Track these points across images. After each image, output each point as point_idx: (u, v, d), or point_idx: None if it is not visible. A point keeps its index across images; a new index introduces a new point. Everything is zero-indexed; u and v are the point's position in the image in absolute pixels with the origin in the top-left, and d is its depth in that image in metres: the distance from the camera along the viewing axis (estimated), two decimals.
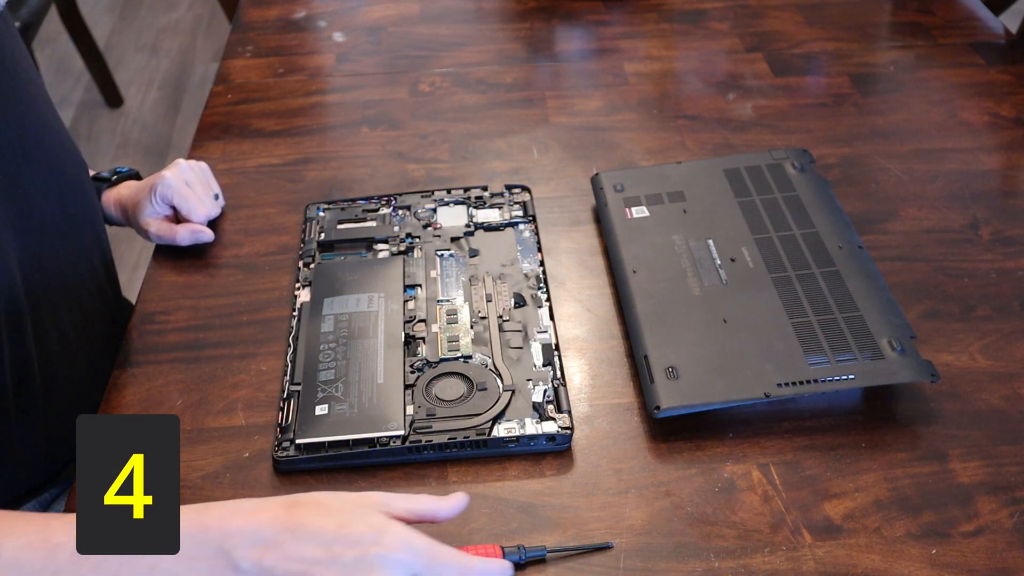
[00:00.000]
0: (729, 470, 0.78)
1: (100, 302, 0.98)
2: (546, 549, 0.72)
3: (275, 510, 0.63)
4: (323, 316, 0.90)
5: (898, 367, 0.81)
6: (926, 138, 1.15)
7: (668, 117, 1.21)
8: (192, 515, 0.63)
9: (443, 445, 0.78)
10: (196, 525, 0.62)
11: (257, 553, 0.61)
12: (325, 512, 0.63)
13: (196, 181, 1.03)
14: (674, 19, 1.41)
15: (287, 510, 0.63)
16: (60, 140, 0.91)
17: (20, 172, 0.84)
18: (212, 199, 1.04)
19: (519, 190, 1.05)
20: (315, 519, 0.62)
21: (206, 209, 1.02)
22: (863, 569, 0.71)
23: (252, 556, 0.61)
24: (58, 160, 0.90)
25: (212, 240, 1.01)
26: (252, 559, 0.61)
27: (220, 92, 1.27)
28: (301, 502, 0.64)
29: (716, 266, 0.92)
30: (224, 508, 0.64)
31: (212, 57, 2.96)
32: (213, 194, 1.05)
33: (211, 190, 1.05)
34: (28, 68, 0.89)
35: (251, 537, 0.62)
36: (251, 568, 0.61)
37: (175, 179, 1.01)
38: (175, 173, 1.02)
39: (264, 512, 0.63)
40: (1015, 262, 0.97)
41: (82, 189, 0.95)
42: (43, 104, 0.90)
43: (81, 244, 0.94)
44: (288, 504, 0.63)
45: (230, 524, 0.62)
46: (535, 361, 0.85)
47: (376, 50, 1.36)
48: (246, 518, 0.63)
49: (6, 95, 0.83)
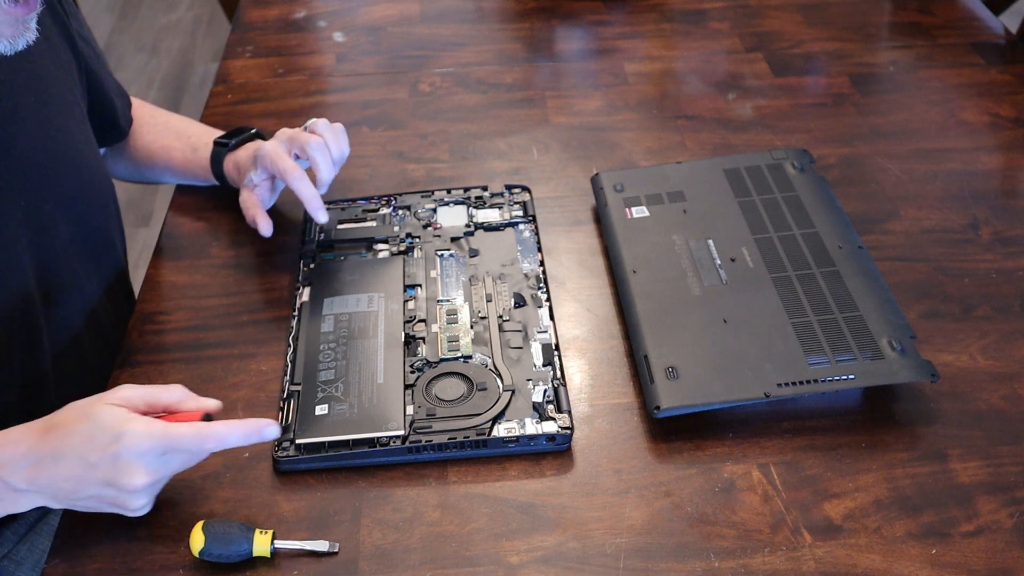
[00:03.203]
0: (729, 470, 0.78)
1: (113, 313, 1.00)
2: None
3: (34, 438, 0.71)
4: (323, 316, 0.90)
5: (898, 367, 0.81)
6: (926, 138, 1.15)
7: (668, 117, 1.21)
8: None
9: (443, 445, 0.78)
10: None
11: (30, 474, 0.70)
12: (72, 431, 0.70)
13: (312, 145, 0.93)
14: (674, 19, 1.41)
15: (43, 435, 0.71)
16: (88, 164, 0.94)
17: (43, 198, 0.87)
18: (296, 168, 0.93)
19: (519, 190, 1.05)
20: (66, 439, 0.70)
21: (292, 174, 0.92)
22: (863, 569, 0.71)
23: (26, 477, 0.70)
24: (83, 184, 0.92)
25: (268, 234, 0.96)
26: (25, 480, 0.70)
27: (220, 92, 1.27)
28: (54, 425, 0.71)
29: (716, 266, 0.92)
30: None
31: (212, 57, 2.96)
32: (329, 166, 0.94)
33: (324, 159, 0.93)
34: (64, 93, 0.91)
35: (21, 462, 0.70)
36: (27, 487, 0.70)
37: (272, 146, 0.94)
38: (275, 141, 0.95)
39: (25, 440, 0.71)
40: (1015, 262, 0.97)
41: (104, 210, 0.97)
42: (76, 129, 0.92)
43: (98, 262, 0.97)
44: (44, 430, 0.71)
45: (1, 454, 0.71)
46: (535, 361, 0.85)
47: (376, 50, 1.36)
48: (12, 449, 0.71)
49: (38, 122, 0.86)
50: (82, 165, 0.92)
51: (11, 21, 0.74)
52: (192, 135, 1.07)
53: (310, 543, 0.73)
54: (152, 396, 0.73)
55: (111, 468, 0.69)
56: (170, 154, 1.07)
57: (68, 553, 0.74)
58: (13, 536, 0.92)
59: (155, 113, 1.11)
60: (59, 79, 0.90)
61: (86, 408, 0.71)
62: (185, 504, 0.76)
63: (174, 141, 1.07)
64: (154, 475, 0.70)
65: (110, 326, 0.99)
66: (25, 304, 0.85)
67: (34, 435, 0.71)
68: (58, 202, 0.88)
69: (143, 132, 1.09)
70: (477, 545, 0.74)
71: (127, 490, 0.70)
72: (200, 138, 1.05)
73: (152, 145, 1.08)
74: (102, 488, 0.70)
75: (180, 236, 1.04)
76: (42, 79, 0.87)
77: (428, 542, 0.74)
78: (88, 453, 0.69)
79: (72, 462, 0.69)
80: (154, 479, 0.70)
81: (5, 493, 0.71)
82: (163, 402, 0.74)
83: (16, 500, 0.71)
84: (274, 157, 0.93)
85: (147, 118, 1.10)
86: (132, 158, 1.10)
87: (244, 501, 0.77)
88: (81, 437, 0.69)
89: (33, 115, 0.85)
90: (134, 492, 0.70)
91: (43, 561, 0.74)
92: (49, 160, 0.87)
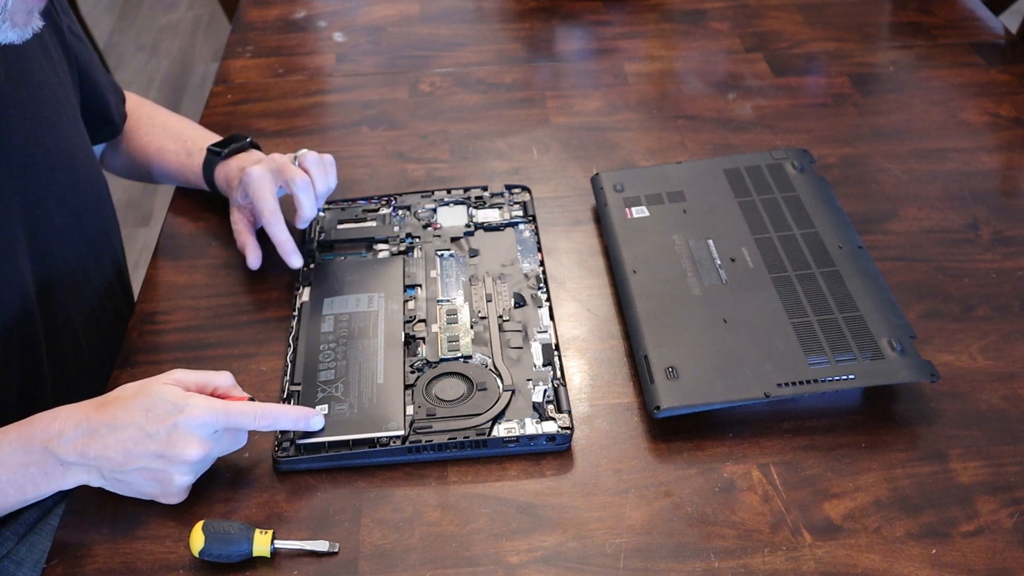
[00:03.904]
0: (729, 470, 0.78)
1: (113, 312, 1.00)
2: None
3: (88, 410, 0.73)
4: (323, 316, 0.90)
5: (898, 367, 0.81)
6: (926, 138, 1.15)
7: (668, 117, 1.21)
8: (19, 430, 0.73)
9: (443, 445, 0.78)
10: (24, 439, 0.72)
11: (81, 446, 0.71)
12: (131, 403, 0.72)
13: (297, 184, 0.93)
14: (674, 19, 1.41)
15: (99, 409, 0.73)
16: (83, 161, 0.94)
17: (40, 193, 0.86)
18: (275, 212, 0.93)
19: (519, 190, 1.05)
20: (124, 411, 0.72)
21: (269, 218, 0.93)
22: (863, 569, 0.71)
23: (74, 450, 0.71)
24: (78, 180, 0.92)
25: (256, 267, 0.96)
26: (76, 452, 0.71)
27: (220, 92, 1.27)
28: (110, 400, 0.73)
29: (716, 266, 0.92)
30: (45, 416, 0.73)
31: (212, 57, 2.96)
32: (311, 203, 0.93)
33: (308, 198, 0.93)
34: (57, 89, 0.91)
35: (72, 433, 0.72)
36: (75, 460, 0.71)
37: (258, 175, 0.94)
38: (264, 168, 0.95)
39: (78, 413, 0.73)
40: (1015, 262, 0.97)
41: (99, 205, 0.97)
42: (68, 124, 0.92)
43: (96, 260, 0.97)
44: (99, 404, 0.73)
45: (51, 428, 0.72)
46: (535, 361, 0.85)
47: (376, 50, 1.36)
48: (64, 421, 0.72)
49: (31, 117, 0.86)
50: (75, 160, 0.92)
51: (26, 9, 0.74)
52: (189, 139, 1.06)
53: (310, 543, 0.73)
54: (204, 380, 0.77)
55: (167, 439, 0.71)
56: (166, 156, 1.06)
57: (68, 553, 0.74)
58: (13, 536, 0.92)
59: (155, 113, 1.11)
60: (50, 74, 0.90)
61: (143, 385, 0.74)
62: (185, 504, 0.76)
63: (171, 143, 1.07)
64: (207, 449, 0.73)
65: (109, 326, 0.99)
66: (22, 301, 0.84)
67: (89, 408, 0.73)
68: (54, 197, 0.88)
69: (141, 132, 1.08)
70: (477, 545, 0.74)
71: (179, 461, 0.72)
72: (196, 143, 1.05)
73: (149, 146, 1.08)
74: (153, 459, 0.71)
75: (180, 236, 1.04)
76: (33, 74, 0.87)
77: (428, 542, 0.74)
78: (147, 423, 0.71)
79: (129, 432, 0.71)
80: (206, 453, 0.73)
81: (53, 467, 0.72)
82: (213, 385, 0.77)
83: (63, 475, 0.73)
84: (256, 193, 0.94)
85: (146, 118, 1.09)
86: (129, 157, 1.10)
87: (244, 501, 0.77)
88: (140, 409, 0.72)
89: (25, 110, 0.85)
90: (185, 464, 0.72)
91: (43, 561, 0.74)
92: (43, 154, 0.87)
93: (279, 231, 0.93)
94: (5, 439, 0.73)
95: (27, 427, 0.73)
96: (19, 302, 0.84)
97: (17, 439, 0.73)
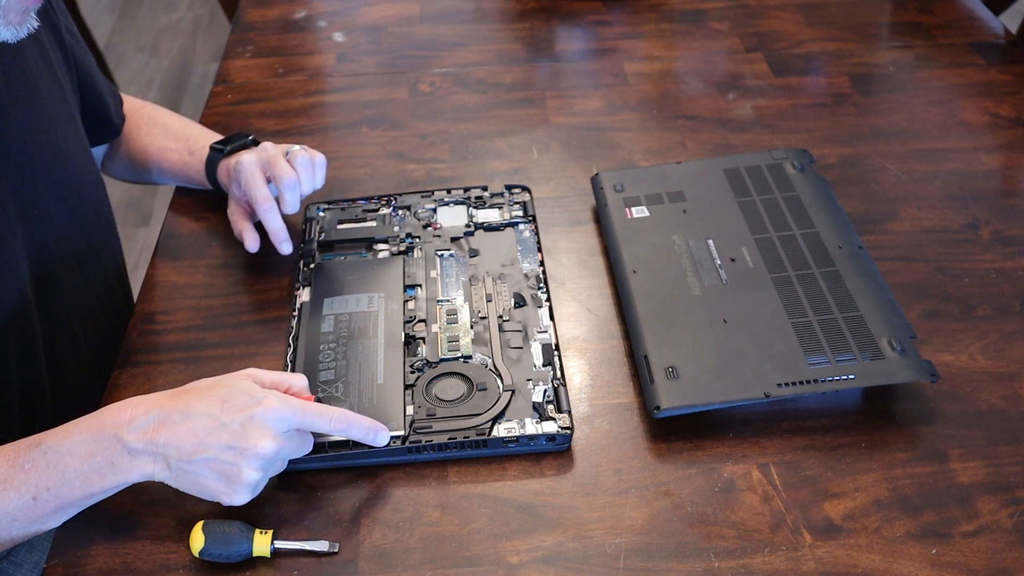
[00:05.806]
0: (729, 470, 0.78)
1: (112, 313, 1.00)
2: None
3: (161, 399, 0.72)
4: (323, 316, 0.90)
5: (898, 367, 0.81)
6: (926, 138, 1.15)
7: (668, 117, 1.21)
8: (89, 420, 0.72)
9: (443, 445, 0.78)
10: (93, 428, 0.71)
11: (150, 433, 0.70)
12: (207, 393, 0.72)
13: (284, 181, 0.93)
14: (674, 19, 1.41)
15: (173, 397, 0.72)
16: (79, 161, 0.94)
17: (37, 193, 0.86)
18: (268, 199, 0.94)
19: (519, 190, 1.05)
20: (199, 400, 0.71)
21: (262, 205, 0.94)
22: (863, 569, 0.71)
23: (144, 437, 0.70)
24: (75, 180, 0.92)
25: (255, 251, 0.97)
26: (144, 439, 0.70)
27: (220, 92, 1.27)
28: (186, 389, 0.73)
29: (716, 266, 0.92)
30: (117, 405, 0.72)
31: (212, 57, 2.96)
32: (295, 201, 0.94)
33: (293, 195, 0.94)
34: (55, 89, 0.91)
35: (143, 420, 0.70)
36: (144, 447, 0.70)
37: (249, 163, 0.95)
38: (255, 157, 0.96)
39: (151, 401, 0.72)
40: (1015, 262, 0.97)
41: (96, 205, 0.97)
42: (65, 123, 0.92)
43: (93, 259, 0.97)
44: (173, 394, 0.72)
45: (121, 416, 0.71)
46: (535, 361, 0.85)
47: (376, 50, 1.36)
48: (136, 408, 0.71)
49: (28, 117, 0.86)
50: (72, 159, 0.92)
51: (21, 8, 0.74)
52: (190, 138, 1.06)
53: (310, 543, 0.73)
54: (279, 379, 0.76)
55: (241, 430, 0.70)
56: (167, 156, 1.07)
57: (68, 553, 0.74)
58: None
59: (154, 114, 1.11)
60: (47, 74, 0.90)
61: (219, 378, 0.74)
62: (185, 504, 0.76)
63: (172, 143, 1.07)
64: (279, 444, 0.71)
65: (107, 325, 0.99)
66: (20, 300, 0.84)
67: (162, 398, 0.72)
68: (51, 196, 0.88)
69: (141, 132, 1.08)
70: (477, 545, 0.74)
71: (251, 454, 0.70)
72: (197, 141, 1.05)
73: (150, 147, 1.08)
74: (224, 451, 0.70)
75: (180, 236, 1.04)
76: (30, 74, 0.87)
77: (428, 542, 0.74)
78: (222, 413, 0.70)
79: (203, 420, 0.70)
80: (278, 448, 0.71)
81: (119, 456, 0.70)
82: (287, 384, 0.76)
83: (129, 465, 0.71)
84: (248, 182, 0.95)
85: (146, 119, 1.09)
86: (129, 158, 1.10)
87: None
88: (216, 399, 0.71)
89: (23, 109, 0.85)
90: (257, 457, 0.70)
91: (43, 561, 0.74)
92: (40, 154, 0.87)
93: (273, 219, 0.94)
94: (75, 428, 0.72)
95: (98, 416, 0.72)
96: (16, 301, 0.84)
97: (87, 427, 0.71)
